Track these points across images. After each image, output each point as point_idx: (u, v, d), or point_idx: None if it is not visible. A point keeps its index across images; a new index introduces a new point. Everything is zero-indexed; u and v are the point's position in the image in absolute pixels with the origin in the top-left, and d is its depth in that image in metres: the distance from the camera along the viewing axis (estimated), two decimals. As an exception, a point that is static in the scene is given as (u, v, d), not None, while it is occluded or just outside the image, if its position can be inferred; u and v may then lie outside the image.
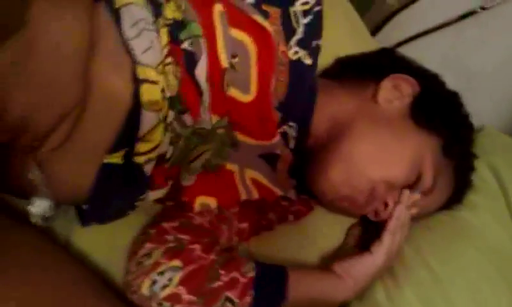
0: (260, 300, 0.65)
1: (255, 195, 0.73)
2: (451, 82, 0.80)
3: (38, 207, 0.56)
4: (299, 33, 0.69)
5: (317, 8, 0.71)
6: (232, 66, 0.62)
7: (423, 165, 0.70)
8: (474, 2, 0.96)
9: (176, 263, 0.65)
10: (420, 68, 0.79)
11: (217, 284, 0.65)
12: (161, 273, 0.65)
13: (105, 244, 0.73)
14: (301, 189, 0.79)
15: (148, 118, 0.56)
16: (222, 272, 0.66)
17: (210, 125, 0.63)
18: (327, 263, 0.73)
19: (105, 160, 0.58)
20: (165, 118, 0.58)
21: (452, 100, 0.78)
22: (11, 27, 0.46)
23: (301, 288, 0.68)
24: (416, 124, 0.71)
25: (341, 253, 0.76)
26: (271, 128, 0.68)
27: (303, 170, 0.75)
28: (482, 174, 0.83)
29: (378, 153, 0.69)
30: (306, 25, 0.69)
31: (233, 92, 0.63)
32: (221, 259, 0.68)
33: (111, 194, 0.62)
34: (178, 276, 0.64)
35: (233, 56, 0.62)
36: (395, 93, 0.73)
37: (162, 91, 0.57)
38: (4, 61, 0.46)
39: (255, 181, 0.72)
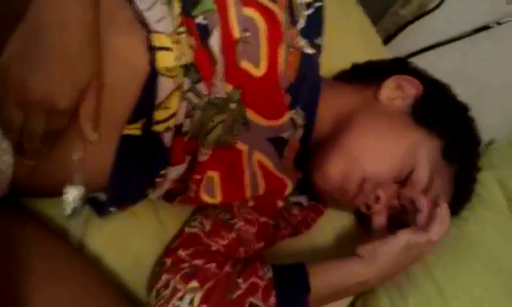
0: (284, 297, 0.66)
1: (260, 181, 0.74)
2: (462, 94, 0.80)
3: (73, 194, 0.57)
4: (302, 23, 0.72)
5: (318, 4, 0.75)
6: (244, 39, 0.64)
7: (416, 161, 0.71)
8: (488, 17, 0.97)
9: (194, 284, 0.66)
10: (430, 76, 0.81)
11: (237, 293, 0.66)
12: (181, 298, 0.66)
13: (117, 247, 0.73)
14: (304, 183, 0.80)
15: (165, 84, 0.59)
16: (240, 280, 0.67)
17: (224, 95, 0.65)
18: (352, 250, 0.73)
19: (126, 132, 0.60)
20: (180, 85, 0.60)
21: (461, 111, 0.79)
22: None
23: (323, 278, 0.69)
24: (416, 122, 0.73)
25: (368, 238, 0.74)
26: (280, 106, 0.69)
27: (307, 162, 0.76)
28: (490, 187, 0.83)
29: (373, 147, 0.71)
30: (308, 16, 0.73)
31: (245, 64, 0.65)
32: (236, 270, 0.69)
33: (132, 168, 0.63)
34: (198, 296, 0.65)
35: (245, 30, 0.64)
36: (398, 92, 0.75)
37: (177, 58, 0.60)
38: (19, 42, 0.50)
39: (261, 165, 0.73)
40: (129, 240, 0.74)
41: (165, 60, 0.59)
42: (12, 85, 0.49)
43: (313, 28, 0.74)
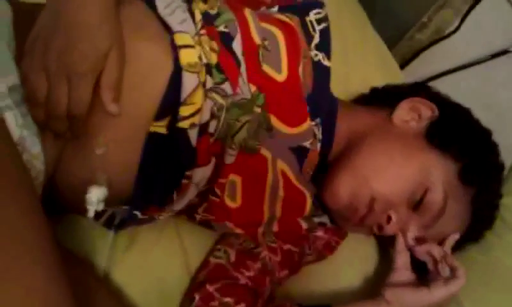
0: None
1: (281, 190, 0.73)
2: (482, 118, 0.80)
3: (97, 195, 0.58)
4: (316, 38, 0.73)
5: (325, 23, 0.75)
6: (264, 46, 0.67)
7: (430, 183, 0.71)
8: (506, 41, 0.97)
9: None
10: (450, 100, 0.81)
11: None
12: None
13: (141, 275, 0.72)
14: (318, 199, 0.79)
15: (189, 80, 0.60)
16: None
17: (249, 95, 0.65)
18: (377, 288, 0.74)
19: (152, 129, 0.60)
20: (204, 83, 0.62)
21: (481, 135, 0.78)
22: None
23: None
24: (430, 144, 0.73)
25: (394, 279, 0.75)
26: (301, 113, 0.69)
27: (321, 180, 0.76)
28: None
29: (381, 167, 0.72)
30: (321, 31, 0.74)
31: (267, 68, 0.66)
32: None
33: (158, 168, 0.63)
34: None
35: (264, 39, 0.67)
36: (413, 114, 0.75)
37: (199, 56, 0.62)
38: (46, 15, 0.56)
39: (284, 174, 0.72)
40: (153, 269, 0.73)
41: (188, 56, 0.61)
42: (37, 51, 0.53)
43: (327, 44, 0.75)
